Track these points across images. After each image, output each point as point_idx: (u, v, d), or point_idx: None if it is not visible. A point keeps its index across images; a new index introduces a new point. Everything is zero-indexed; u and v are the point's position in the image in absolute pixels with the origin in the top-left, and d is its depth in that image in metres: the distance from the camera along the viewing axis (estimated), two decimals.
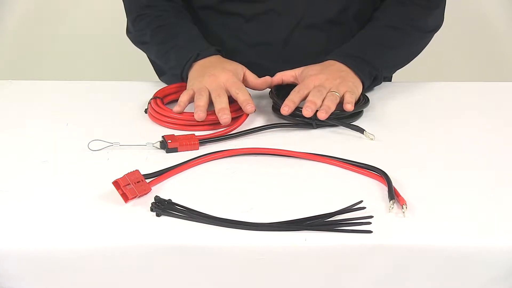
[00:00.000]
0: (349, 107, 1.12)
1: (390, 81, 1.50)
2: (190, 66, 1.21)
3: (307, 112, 1.10)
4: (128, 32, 1.37)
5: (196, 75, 1.19)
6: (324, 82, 1.15)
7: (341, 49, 1.26)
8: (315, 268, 0.83)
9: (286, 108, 1.11)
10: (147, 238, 0.83)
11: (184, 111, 1.13)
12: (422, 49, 1.36)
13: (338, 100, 1.13)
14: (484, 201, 0.91)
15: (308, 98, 1.12)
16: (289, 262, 0.83)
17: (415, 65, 1.40)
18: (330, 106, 1.11)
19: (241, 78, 1.19)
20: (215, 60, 1.22)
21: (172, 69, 1.25)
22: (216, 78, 1.15)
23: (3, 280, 0.82)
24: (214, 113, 1.12)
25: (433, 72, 2.32)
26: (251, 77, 1.19)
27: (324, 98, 1.12)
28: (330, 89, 1.14)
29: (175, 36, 1.28)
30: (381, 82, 1.28)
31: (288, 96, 1.13)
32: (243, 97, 1.13)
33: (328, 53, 1.25)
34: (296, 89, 1.15)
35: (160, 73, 1.45)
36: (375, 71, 1.23)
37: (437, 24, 1.35)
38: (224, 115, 1.09)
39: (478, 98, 1.26)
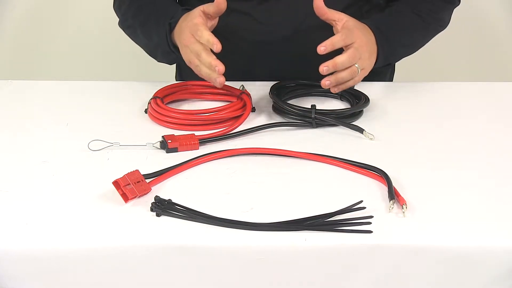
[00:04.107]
0: (336, 90, 1.17)
1: (392, 80, 1.50)
2: (171, 39, 1.23)
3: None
4: (119, 21, 1.38)
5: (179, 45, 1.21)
6: (362, 46, 1.17)
7: (379, 22, 1.27)
8: (315, 268, 0.83)
9: (323, 48, 1.13)
10: (147, 238, 0.83)
11: (184, 111, 1.14)
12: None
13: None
14: (484, 201, 0.91)
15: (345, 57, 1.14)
16: (289, 262, 0.83)
17: (415, 65, 1.40)
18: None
19: (202, 23, 1.15)
20: (181, 24, 1.21)
21: (163, 48, 1.26)
22: (185, 45, 1.16)
23: (3, 280, 0.82)
24: (214, 113, 1.12)
25: (433, 72, 2.32)
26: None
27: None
28: (360, 58, 1.16)
29: (151, 13, 1.29)
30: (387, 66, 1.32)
31: (332, 38, 1.14)
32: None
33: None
34: (341, 35, 1.15)
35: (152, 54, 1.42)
36: (391, 59, 1.28)
37: (448, 19, 1.39)
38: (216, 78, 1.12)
39: (478, 98, 1.26)
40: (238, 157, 1.02)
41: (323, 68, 1.13)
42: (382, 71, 1.42)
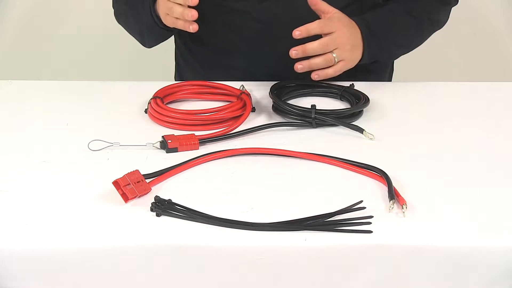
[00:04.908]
0: (316, 77, 1.19)
1: (391, 80, 1.50)
2: (155, 10, 1.25)
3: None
4: (114, 12, 1.40)
5: None
6: (342, 38, 1.18)
7: (369, 19, 1.27)
8: (315, 268, 0.83)
9: (298, 33, 1.15)
10: (147, 238, 0.83)
11: (184, 111, 1.14)
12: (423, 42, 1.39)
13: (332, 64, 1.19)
14: (484, 201, 0.92)
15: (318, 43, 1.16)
16: (289, 262, 0.83)
17: (415, 65, 1.40)
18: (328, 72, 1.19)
19: None
20: None
21: (148, 23, 1.28)
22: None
23: (3, 280, 0.82)
24: (214, 113, 1.12)
25: (433, 72, 2.32)
26: None
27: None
28: (336, 47, 1.18)
29: None
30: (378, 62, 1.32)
31: (308, 24, 1.16)
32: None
33: None
34: (318, 23, 1.17)
35: (143, 40, 1.44)
36: (380, 57, 1.28)
37: (445, 20, 1.39)
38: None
39: (478, 98, 1.26)
40: (238, 157, 1.02)
41: (293, 51, 1.16)
42: (380, 71, 1.42)
